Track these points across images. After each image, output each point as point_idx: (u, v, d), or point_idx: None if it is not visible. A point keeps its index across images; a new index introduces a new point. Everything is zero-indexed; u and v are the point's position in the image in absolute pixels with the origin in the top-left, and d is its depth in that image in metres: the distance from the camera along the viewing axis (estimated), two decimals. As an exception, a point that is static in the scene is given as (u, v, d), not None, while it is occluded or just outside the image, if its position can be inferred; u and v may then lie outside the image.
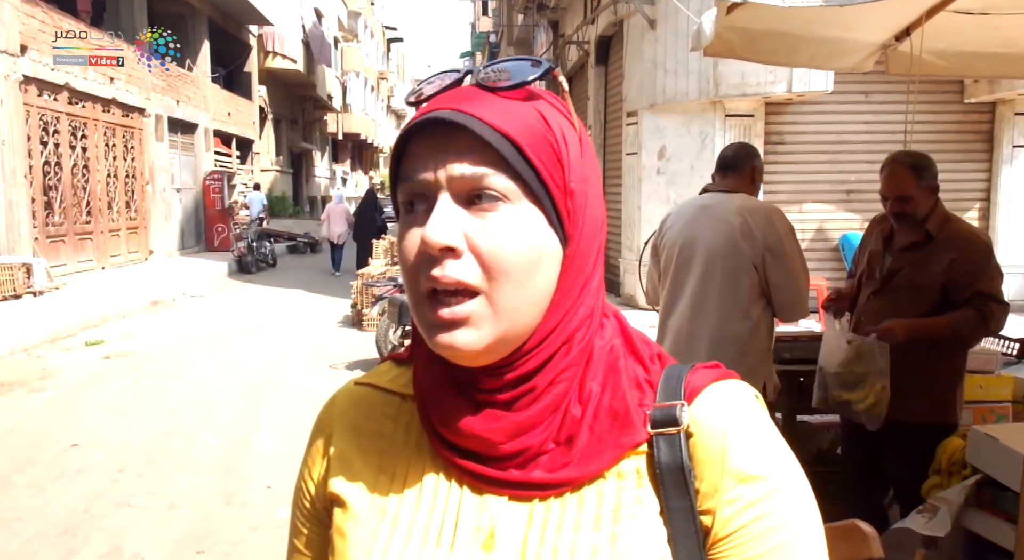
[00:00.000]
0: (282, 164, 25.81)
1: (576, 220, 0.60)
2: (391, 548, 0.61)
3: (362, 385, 0.72)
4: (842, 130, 8.41)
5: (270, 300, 11.17)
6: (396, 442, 0.67)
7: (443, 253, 0.56)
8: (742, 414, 0.61)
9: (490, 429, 0.60)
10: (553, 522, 0.60)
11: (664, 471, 0.60)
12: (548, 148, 0.58)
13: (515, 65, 0.60)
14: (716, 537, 0.59)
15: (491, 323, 0.57)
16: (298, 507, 0.73)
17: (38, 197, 11.33)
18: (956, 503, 2.08)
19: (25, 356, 7.25)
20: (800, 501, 0.60)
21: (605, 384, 0.62)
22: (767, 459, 0.60)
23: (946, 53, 3.37)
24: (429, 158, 0.57)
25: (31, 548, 3.36)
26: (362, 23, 39.28)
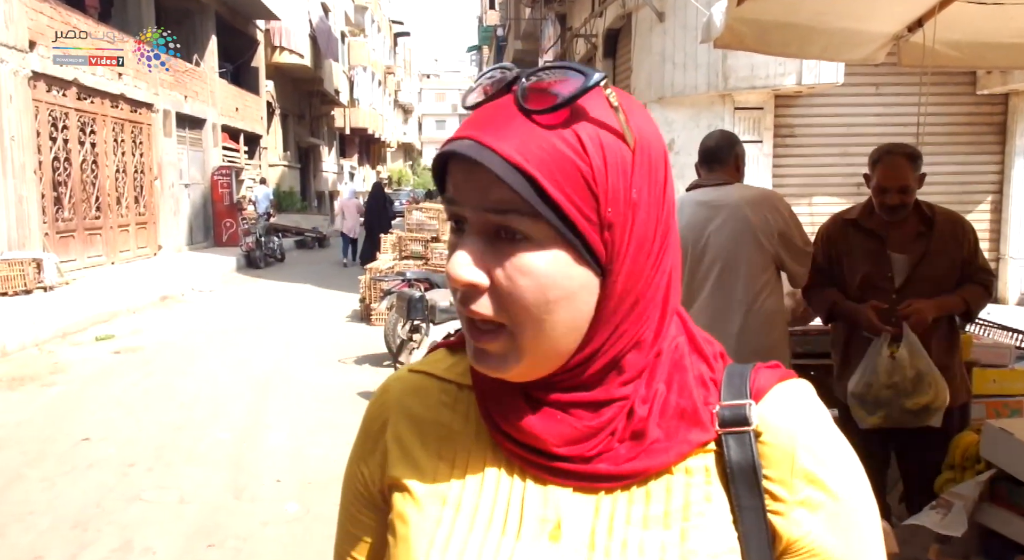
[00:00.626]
0: (290, 159, 25.86)
1: (617, 249, 0.57)
2: (454, 534, 0.61)
3: (417, 373, 0.72)
4: (853, 123, 8.34)
5: (278, 295, 11.20)
6: (455, 430, 0.66)
7: (466, 288, 0.56)
8: (810, 415, 0.62)
9: (547, 431, 0.60)
10: (621, 515, 0.59)
11: (735, 470, 0.59)
12: (578, 180, 0.54)
13: (559, 76, 0.56)
14: (789, 539, 0.60)
15: (517, 354, 0.58)
16: (352, 493, 0.72)
17: (47, 193, 11.39)
18: (971, 498, 2.06)
19: (36, 351, 7.29)
20: (866, 500, 0.61)
21: (671, 382, 0.61)
22: (835, 461, 0.61)
23: (959, 44, 3.34)
24: (459, 186, 0.57)
25: (44, 541, 3.38)
26: (369, 17, 39.25)
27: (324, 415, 5.27)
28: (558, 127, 0.55)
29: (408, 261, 9.08)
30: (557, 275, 0.56)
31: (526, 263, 0.55)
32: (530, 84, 0.57)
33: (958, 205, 8.27)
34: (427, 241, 9.19)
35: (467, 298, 0.57)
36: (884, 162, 2.51)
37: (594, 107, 0.56)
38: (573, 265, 0.56)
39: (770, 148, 8.52)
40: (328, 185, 31.58)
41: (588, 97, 0.56)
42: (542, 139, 0.54)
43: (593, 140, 0.55)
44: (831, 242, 2.70)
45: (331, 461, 4.37)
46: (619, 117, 0.57)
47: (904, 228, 2.54)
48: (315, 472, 4.20)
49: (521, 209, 0.54)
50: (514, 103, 0.56)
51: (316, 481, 4.08)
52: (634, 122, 0.58)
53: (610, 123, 0.56)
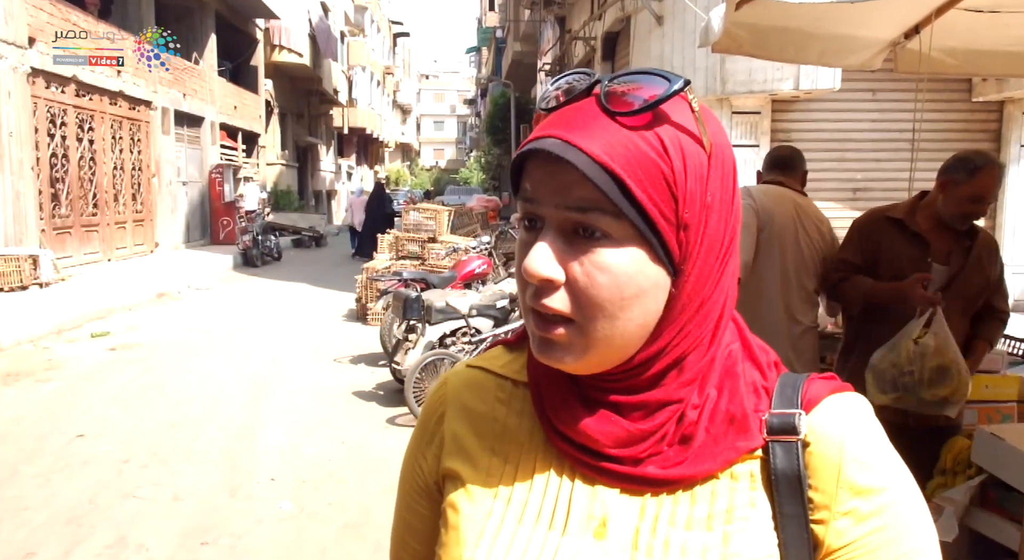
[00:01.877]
0: (288, 158, 25.83)
1: (690, 250, 0.58)
2: (504, 527, 0.63)
3: (474, 368, 0.74)
4: (849, 128, 8.38)
5: (275, 293, 11.19)
6: (509, 426, 0.68)
7: (542, 283, 0.57)
8: (859, 427, 0.62)
9: (601, 432, 0.61)
10: (665, 517, 0.61)
11: (780, 478, 0.60)
12: (660, 182, 0.56)
13: (644, 81, 0.58)
14: (830, 549, 0.60)
15: (583, 349, 0.59)
16: (408, 484, 0.75)
17: (45, 189, 11.37)
18: (961, 503, 2.08)
19: (31, 347, 7.28)
20: (916, 514, 0.61)
21: (722, 388, 0.62)
22: (883, 472, 0.60)
23: (955, 51, 3.36)
24: (539, 184, 0.58)
25: (38, 537, 3.38)
26: (368, 17, 39.24)
27: (319, 414, 5.27)
28: (641, 129, 0.56)
29: (405, 261, 9.08)
30: (633, 273, 0.57)
31: (605, 260, 0.56)
32: (612, 87, 0.58)
33: (954, 211, 8.31)
34: (424, 241, 9.19)
35: (540, 293, 0.58)
36: (988, 173, 2.40)
37: (675, 112, 0.58)
38: (649, 264, 0.57)
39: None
40: (326, 184, 31.54)
41: (671, 102, 0.57)
42: (627, 140, 0.56)
43: (674, 143, 0.57)
44: (870, 239, 2.60)
45: (326, 460, 4.37)
46: (699, 123, 0.58)
47: (946, 238, 2.49)
48: (310, 471, 4.21)
49: (604, 207, 0.56)
50: (597, 105, 0.58)
51: (310, 480, 4.08)
52: (710, 128, 0.59)
53: (690, 128, 0.58)
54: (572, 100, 0.60)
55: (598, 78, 0.60)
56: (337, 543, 3.32)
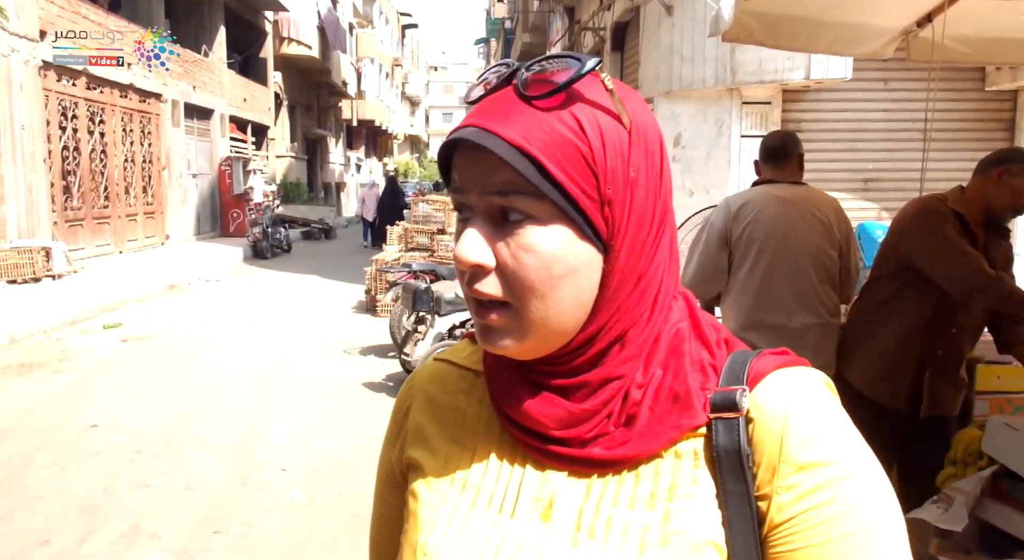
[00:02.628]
0: (297, 150, 25.87)
1: (617, 226, 0.59)
2: (458, 512, 0.65)
3: (440, 361, 0.76)
4: (861, 118, 8.31)
5: (285, 285, 11.23)
6: (469, 415, 0.70)
7: (473, 269, 0.59)
8: (804, 400, 0.61)
9: (545, 414, 0.63)
10: (609, 497, 0.62)
11: (721, 455, 0.60)
12: (579, 160, 0.57)
13: (556, 65, 0.59)
14: (772, 523, 0.59)
15: (522, 332, 0.60)
16: (383, 476, 0.78)
17: (57, 181, 11.44)
18: (972, 494, 2.07)
19: (45, 338, 7.35)
20: (869, 488, 0.59)
21: (667, 366, 0.63)
22: (830, 447, 0.59)
23: (969, 39, 3.32)
24: (465, 173, 0.60)
25: (53, 526, 3.42)
26: (377, 9, 39.18)
27: (329, 406, 5.30)
28: (557, 110, 0.57)
29: (414, 253, 9.09)
30: (561, 252, 0.58)
31: (530, 241, 0.58)
32: (529, 74, 0.59)
33: (966, 202, 8.24)
34: (433, 233, 9.20)
35: (474, 279, 0.59)
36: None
37: (590, 91, 0.59)
38: (576, 241, 0.58)
39: (788, 142, 8.48)
40: (335, 177, 31.59)
41: (584, 83, 0.58)
42: (543, 122, 0.57)
43: (591, 122, 0.58)
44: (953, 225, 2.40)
45: (336, 451, 4.40)
46: (614, 100, 0.59)
47: (983, 235, 2.43)
48: (320, 461, 4.23)
49: (525, 189, 0.57)
50: (515, 92, 0.59)
51: (321, 470, 4.11)
52: (629, 106, 0.60)
53: (606, 105, 0.59)
54: (494, 90, 0.61)
55: (518, 66, 0.60)
56: (347, 533, 3.35)
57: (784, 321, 2.64)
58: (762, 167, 2.86)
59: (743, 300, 2.71)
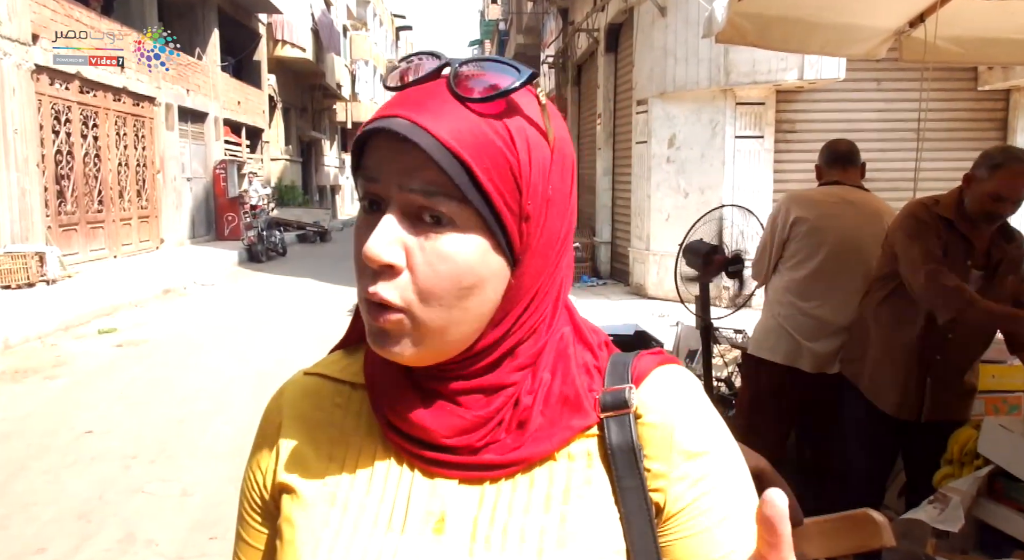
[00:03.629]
0: (291, 153, 25.83)
1: (529, 241, 0.58)
2: (341, 534, 0.61)
3: (312, 375, 0.71)
4: (854, 118, 8.34)
5: (280, 289, 11.21)
6: (346, 430, 0.66)
7: (381, 269, 0.56)
8: (687, 396, 0.64)
9: (437, 423, 0.61)
10: (504, 503, 0.61)
11: (615, 452, 0.61)
12: (506, 171, 0.55)
13: (494, 70, 0.57)
14: (668, 514, 0.61)
15: (418, 339, 0.57)
16: (246, 499, 0.72)
17: (50, 186, 11.40)
18: (968, 494, 2.08)
19: (39, 344, 7.32)
20: (737, 475, 0.64)
21: (555, 371, 0.63)
22: (709, 437, 0.63)
23: (961, 39, 3.33)
24: (383, 163, 0.56)
25: (48, 532, 3.40)
26: (371, 11, 39.16)
27: (326, 409, 5.28)
28: (490, 117, 0.56)
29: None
30: (474, 262, 0.56)
31: (448, 249, 0.56)
32: (463, 71, 0.57)
33: (960, 201, 8.26)
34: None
35: (378, 277, 0.56)
36: (1009, 170, 2.22)
37: (524, 103, 0.58)
38: (491, 253, 0.57)
39: (771, 143, 8.51)
40: (330, 179, 31.54)
41: (520, 93, 0.57)
42: (475, 126, 0.55)
43: (521, 134, 0.56)
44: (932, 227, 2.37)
45: (333, 454, 4.39)
46: (544, 116, 0.59)
47: (982, 241, 2.35)
48: (317, 465, 4.22)
49: (450, 193, 0.55)
50: (446, 88, 0.56)
51: (318, 474, 4.09)
52: (554, 123, 0.59)
53: (536, 120, 0.58)
54: (420, 81, 0.58)
55: (447, 61, 0.58)
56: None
57: (827, 315, 2.73)
58: (825, 171, 2.97)
59: (792, 289, 2.83)
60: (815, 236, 2.79)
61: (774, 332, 2.90)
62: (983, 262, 2.36)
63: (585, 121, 13.73)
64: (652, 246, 9.29)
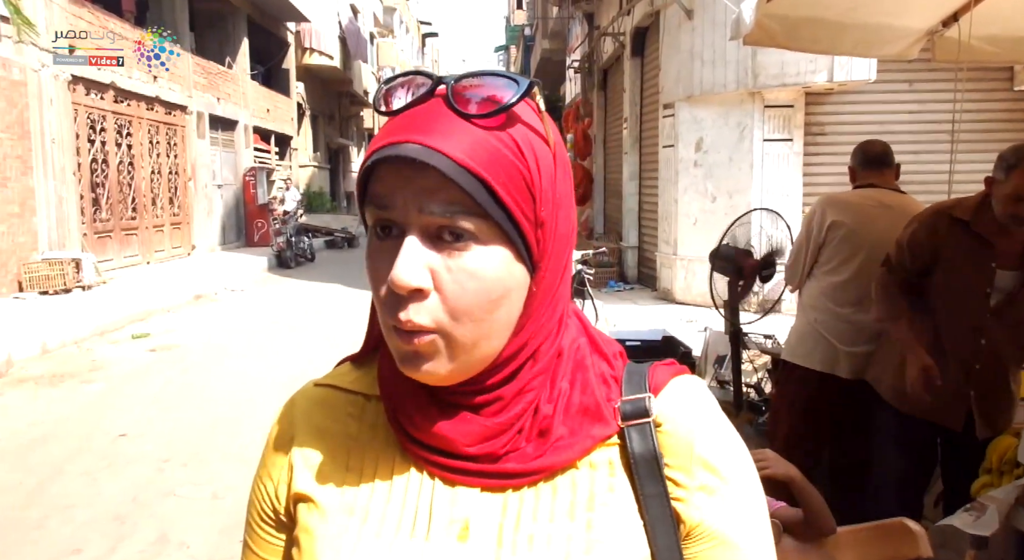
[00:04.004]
0: (320, 160, 26.11)
1: (545, 248, 0.59)
2: (361, 543, 0.61)
3: (323, 386, 0.71)
4: (885, 120, 8.19)
5: (309, 294, 11.32)
6: (362, 440, 0.66)
7: (410, 294, 0.56)
8: (705, 407, 0.65)
9: (459, 432, 0.61)
10: (528, 511, 0.61)
11: (638, 460, 0.62)
12: (520, 182, 0.56)
13: (490, 82, 0.57)
14: (691, 524, 0.62)
15: (451, 357, 0.58)
16: (256, 510, 0.72)
17: (86, 194, 11.65)
18: (1007, 502, 2.03)
19: (75, 349, 7.47)
20: (754, 485, 0.65)
21: (574, 381, 0.64)
22: (728, 449, 0.64)
23: (996, 38, 3.27)
24: (397, 189, 0.56)
25: (83, 534, 3.47)
26: (397, 18, 39.49)
27: (354, 413, 5.31)
28: (496, 131, 0.57)
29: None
30: (501, 275, 0.57)
31: (475, 265, 0.56)
32: (460, 88, 0.57)
33: (996, 203, 8.08)
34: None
35: (406, 303, 0.56)
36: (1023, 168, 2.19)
37: (524, 112, 0.59)
38: (513, 263, 0.58)
39: (800, 147, 8.40)
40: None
41: (520, 104, 0.58)
42: (484, 142, 0.56)
43: (527, 143, 0.58)
44: (937, 237, 2.36)
45: (361, 459, 4.42)
46: (544, 122, 0.60)
47: (1013, 241, 2.27)
48: (345, 469, 4.25)
49: (471, 210, 0.55)
50: (447, 107, 0.57)
51: (346, 478, 4.12)
52: (550, 127, 0.61)
53: (537, 127, 0.59)
54: (417, 102, 0.58)
55: (440, 78, 0.59)
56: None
57: (865, 320, 2.69)
58: (859, 173, 2.95)
59: (829, 294, 2.82)
60: (852, 240, 2.76)
61: (811, 337, 2.86)
62: (1015, 263, 2.28)
63: (611, 125, 13.69)
64: (680, 251, 9.22)
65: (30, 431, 4.94)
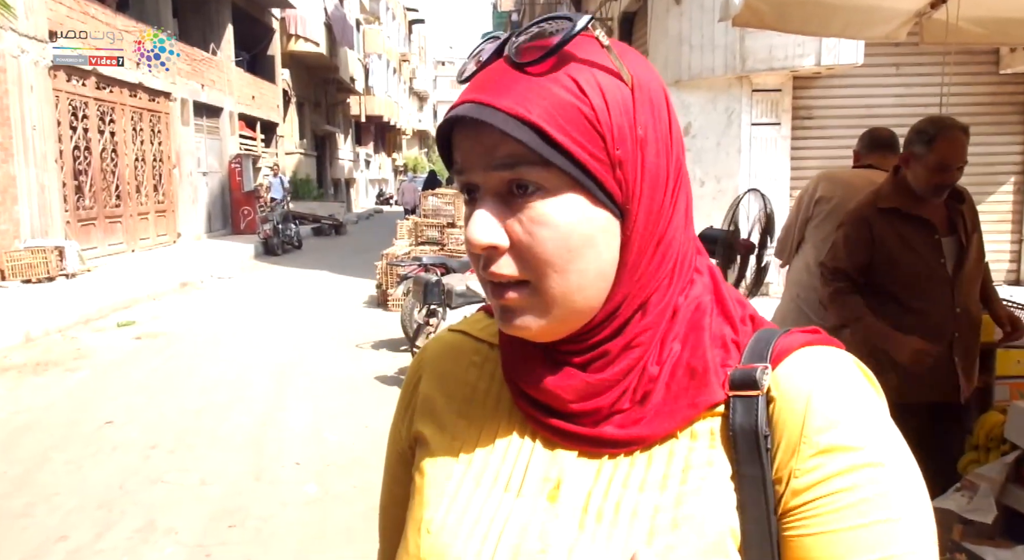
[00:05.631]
0: (306, 147, 25.93)
1: (631, 188, 0.56)
2: (462, 489, 0.63)
3: (455, 332, 0.74)
4: (873, 104, 8.22)
5: (296, 282, 11.26)
6: (479, 389, 0.68)
7: (487, 251, 0.57)
8: (830, 380, 0.57)
9: (562, 387, 0.60)
10: (619, 479, 0.59)
11: (738, 435, 0.57)
12: (582, 122, 0.54)
13: (548, 27, 0.57)
14: (787, 506, 0.56)
15: (544, 310, 0.57)
16: (392, 450, 0.76)
17: (69, 181, 11.51)
18: (997, 481, 2.04)
19: (60, 337, 7.40)
20: (897, 479, 0.55)
21: (686, 342, 0.60)
22: (854, 430, 0.55)
23: (983, 20, 3.27)
24: (466, 152, 0.58)
25: (70, 521, 3.44)
26: (383, 5, 39.15)
27: (342, 399, 5.30)
28: (552, 73, 0.55)
29: (424, 247, 9.09)
30: (576, 221, 0.55)
31: (543, 213, 0.55)
32: (520, 41, 0.57)
33: (981, 186, 8.14)
34: (443, 227, 9.19)
35: (488, 261, 0.57)
36: (947, 138, 2.32)
37: (585, 50, 0.56)
38: (591, 208, 0.56)
39: (788, 131, 8.42)
40: (344, 173, 31.64)
41: (578, 42, 0.56)
42: (539, 88, 0.54)
43: (590, 82, 0.55)
44: (872, 233, 2.42)
45: (349, 444, 4.40)
46: (612, 57, 0.57)
47: (939, 208, 2.41)
48: (333, 455, 4.24)
49: (530, 159, 0.54)
50: (507, 62, 0.57)
51: (334, 463, 4.11)
52: (628, 62, 0.57)
53: (604, 64, 0.56)
54: (485, 65, 0.59)
55: (507, 36, 0.58)
56: (362, 524, 3.35)
57: None
58: (862, 155, 2.98)
59: (812, 269, 2.81)
60: (837, 215, 2.77)
61: (792, 314, 2.88)
62: (947, 230, 2.41)
63: (599, 111, 13.65)
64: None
65: (14, 420, 4.89)
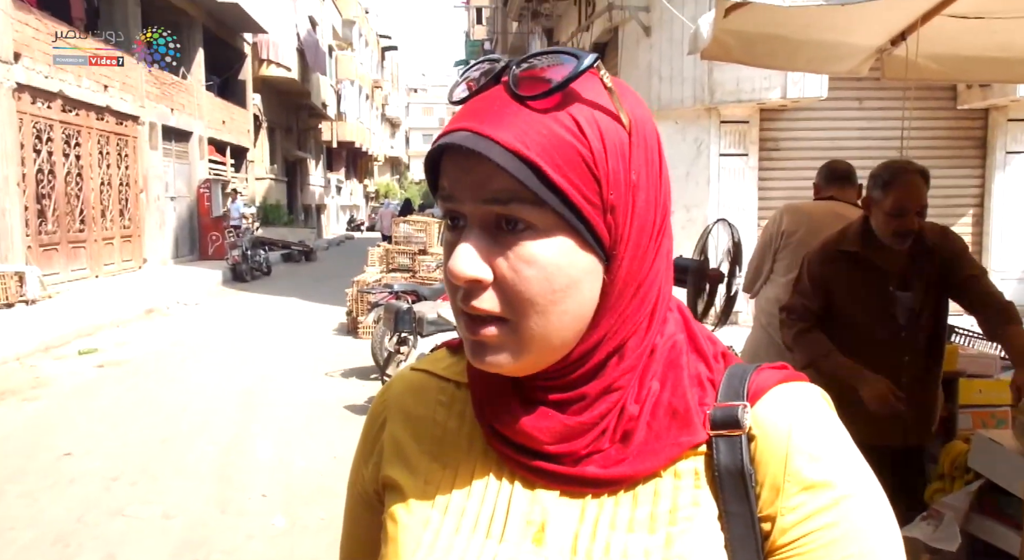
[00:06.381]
0: (276, 172, 25.77)
1: (620, 233, 0.56)
2: (440, 536, 0.61)
3: (418, 371, 0.72)
4: (836, 136, 8.43)
5: (265, 308, 11.12)
6: (449, 430, 0.66)
7: (469, 284, 0.55)
8: (808, 417, 0.58)
9: (539, 428, 0.59)
10: (606, 520, 0.58)
11: (724, 474, 0.57)
12: (579, 164, 0.53)
13: (552, 62, 0.55)
14: (775, 544, 0.57)
15: (519, 348, 0.56)
16: (354, 494, 0.74)
17: (31, 205, 11.28)
18: (961, 509, 2.07)
19: (18, 365, 7.19)
20: (871, 510, 0.57)
21: (665, 381, 0.59)
22: (834, 465, 0.57)
23: (942, 57, 3.38)
24: (456, 181, 0.56)
25: (25, 557, 3.31)
26: (356, 31, 39.34)
27: (310, 428, 5.21)
28: (554, 111, 0.54)
29: (395, 274, 9.05)
30: (563, 263, 0.54)
31: (531, 252, 0.54)
32: (521, 71, 0.55)
33: (940, 219, 8.34)
34: (414, 254, 9.17)
35: (469, 295, 0.55)
36: (901, 182, 2.25)
37: (589, 90, 0.55)
38: (578, 251, 0.55)
39: (756, 161, 8.59)
40: (315, 198, 31.48)
41: (582, 80, 0.55)
42: (540, 125, 0.53)
43: (590, 123, 0.54)
44: (830, 274, 2.40)
45: (317, 474, 4.32)
46: (614, 99, 0.56)
47: (901, 258, 2.32)
48: (301, 485, 4.15)
49: (524, 197, 0.53)
50: (506, 92, 0.55)
51: (302, 494, 4.03)
52: (628, 104, 0.57)
53: (605, 105, 0.56)
54: (481, 89, 0.57)
55: (506, 63, 0.57)
56: (329, 557, 3.28)
57: None
58: (822, 188, 3.10)
59: (782, 298, 2.83)
60: (803, 248, 2.83)
61: (763, 342, 2.92)
62: (906, 284, 2.32)
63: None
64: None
65: (-32, 451, 4.73)
